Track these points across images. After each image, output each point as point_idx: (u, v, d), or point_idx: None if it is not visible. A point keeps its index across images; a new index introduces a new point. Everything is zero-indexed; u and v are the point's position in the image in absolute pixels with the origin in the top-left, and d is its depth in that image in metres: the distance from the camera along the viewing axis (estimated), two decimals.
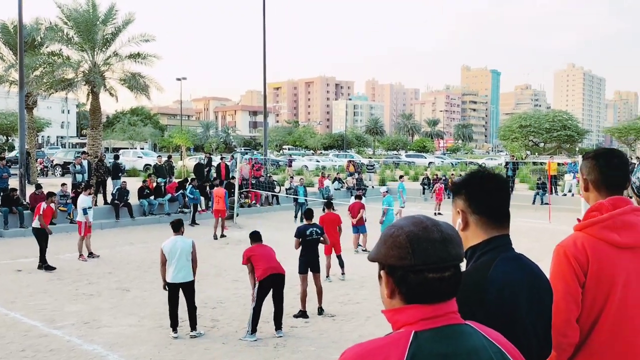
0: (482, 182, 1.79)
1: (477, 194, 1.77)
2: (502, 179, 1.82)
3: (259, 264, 7.21)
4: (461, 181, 1.83)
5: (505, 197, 1.80)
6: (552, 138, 44.04)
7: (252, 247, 7.46)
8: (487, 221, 1.76)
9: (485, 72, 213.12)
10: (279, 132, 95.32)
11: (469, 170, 1.87)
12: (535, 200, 22.66)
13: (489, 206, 1.77)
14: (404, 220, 1.31)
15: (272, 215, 20.11)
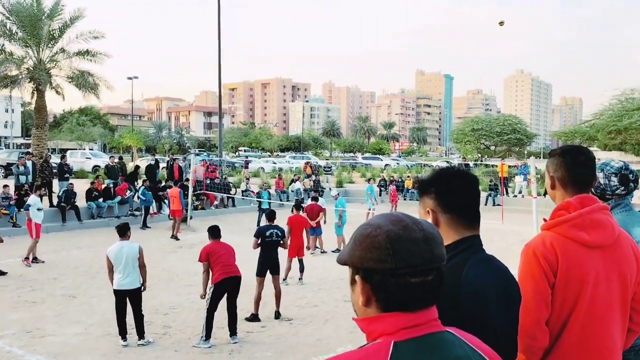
0: (452, 179, 1.69)
1: (448, 192, 1.68)
2: (471, 176, 1.73)
3: (217, 265, 6.94)
4: (429, 179, 1.73)
5: (476, 195, 1.72)
6: (503, 141, 45.41)
7: (212, 245, 7.15)
8: (459, 220, 1.68)
9: (439, 76, 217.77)
10: (235, 134, 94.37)
11: (436, 168, 1.76)
12: (487, 202, 23.18)
13: (460, 204, 1.68)
14: (380, 218, 1.17)
15: (227, 218, 19.73)
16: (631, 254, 2.01)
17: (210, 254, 7.00)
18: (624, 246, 2.00)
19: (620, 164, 2.50)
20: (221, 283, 6.92)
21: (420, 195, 1.74)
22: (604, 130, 43.15)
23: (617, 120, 42.06)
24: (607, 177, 2.46)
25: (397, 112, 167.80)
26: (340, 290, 9.74)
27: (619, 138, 43.73)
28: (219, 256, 6.98)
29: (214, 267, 6.95)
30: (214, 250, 7.03)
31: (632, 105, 42.82)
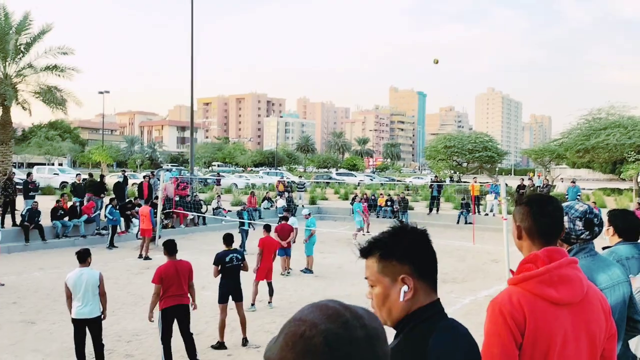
0: (424, 240, 1.60)
1: (424, 255, 1.59)
2: (427, 235, 1.62)
3: (167, 290, 6.67)
4: (404, 243, 1.58)
5: (435, 254, 1.62)
6: (475, 158, 45.97)
7: (167, 266, 6.83)
8: (430, 285, 1.60)
9: (412, 93, 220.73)
10: (208, 149, 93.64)
11: (392, 227, 1.63)
12: (459, 220, 23.34)
13: (431, 267, 1.60)
14: (312, 310, 1.00)
15: (197, 237, 19.38)
16: (600, 309, 1.93)
17: (163, 277, 6.72)
18: (592, 302, 1.92)
19: (584, 208, 2.45)
20: (169, 310, 6.68)
21: (387, 259, 1.58)
22: (572, 148, 44.15)
23: (585, 139, 43.12)
24: (572, 221, 2.40)
25: (371, 128, 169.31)
26: None
27: (587, 157, 44.80)
28: (171, 280, 6.71)
29: (165, 291, 6.69)
30: (168, 273, 6.74)
31: (598, 125, 43.99)
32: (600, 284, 2.29)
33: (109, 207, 16.87)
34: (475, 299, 10.90)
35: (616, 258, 3.00)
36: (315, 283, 12.19)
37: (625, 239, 3.16)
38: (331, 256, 15.93)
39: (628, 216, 3.25)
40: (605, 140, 41.20)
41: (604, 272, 2.35)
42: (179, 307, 6.74)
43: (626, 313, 2.40)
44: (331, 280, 12.65)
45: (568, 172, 61.49)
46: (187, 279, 6.89)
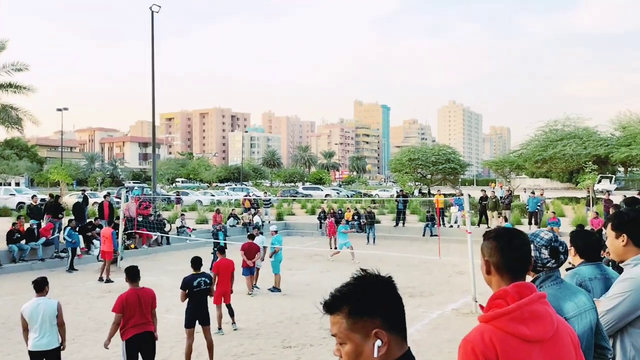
0: (394, 292, 1.55)
1: (394, 308, 1.54)
2: (393, 282, 1.59)
3: (130, 319, 6.43)
4: (372, 297, 1.52)
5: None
6: (438, 170, 46.79)
7: (129, 294, 6.58)
8: (401, 335, 1.55)
9: (376, 106, 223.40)
10: (172, 165, 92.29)
11: (357, 279, 1.58)
12: (425, 232, 23.57)
13: (402, 317, 1.56)
14: None
15: (161, 257, 18.96)
16: (570, 343, 1.93)
17: (125, 305, 6.48)
18: (562, 337, 1.91)
19: (549, 236, 2.46)
20: (132, 340, 6.45)
21: (354, 315, 1.51)
22: (531, 159, 45.39)
23: (543, 150, 44.42)
24: (538, 250, 2.41)
25: (337, 141, 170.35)
26: (279, 335, 9.41)
27: (545, 167, 46.17)
28: (134, 309, 6.47)
29: (126, 321, 6.45)
30: (130, 302, 6.50)
31: (555, 136, 45.44)
32: (567, 312, 2.30)
33: (68, 229, 16.34)
34: (442, 312, 10.96)
35: (579, 279, 3.02)
36: (283, 302, 12.04)
37: (587, 260, 3.19)
38: (299, 273, 15.81)
39: (588, 236, 3.29)
40: (562, 151, 42.54)
41: (570, 300, 2.36)
42: (143, 335, 6.50)
43: (593, 340, 2.41)
44: (300, 298, 12.52)
45: (527, 181, 63.12)
46: (149, 308, 6.66)
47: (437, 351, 8.33)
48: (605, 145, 42.22)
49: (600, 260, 3.28)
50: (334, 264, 17.73)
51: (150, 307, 6.68)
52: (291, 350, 8.61)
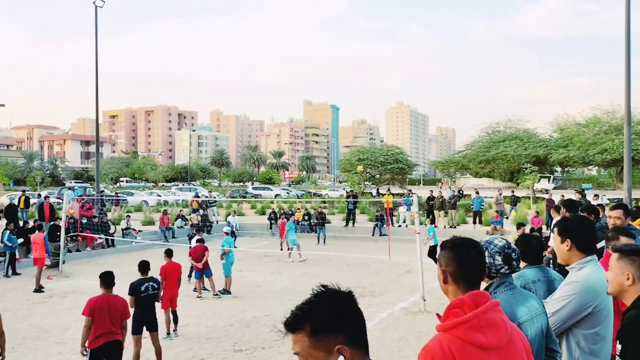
0: (356, 307, 1.55)
1: (356, 323, 1.53)
2: (354, 297, 1.58)
3: (98, 326, 6.17)
4: (334, 313, 1.50)
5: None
6: (387, 170, 47.59)
7: (100, 299, 6.32)
8: (363, 349, 1.54)
9: (326, 106, 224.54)
10: (116, 164, 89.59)
11: (318, 295, 1.56)
12: (374, 232, 23.90)
13: (364, 331, 1.56)
14: None
15: (106, 260, 18.34)
16: (522, 349, 2.01)
17: (96, 310, 6.23)
18: (516, 343, 1.99)
19: (503, 243, 2.55)
20: (99, 349, 6.20)
21: (317, 333, 1.49)
22: (475, 160, 46.98)
23: (486, 151, 46.08)
24: (492, 256, 2.48)
25: (287, 141, 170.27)
26: (229, 338, 9.29)
27: (488, 167, 47.88)
28: (103, 315, 6.22)
29: (95, 327, 6.20)
30: (101, 307, 6.25)
31: (498, 138, 47.24)
32: (520, 317, 2.39)
33: (7, 233, 15.55)
34: (392, 312, 11.14)
35: (523, 282, 3.14)
36: (233, 305, 11.91)
37: (530, 263, 3.33)
38: (249, 274, 15.68)
39: (530, 240, 3.43)
40: (503, 152, 44.26)
41: (523, 305, 2.45)
42: (110, 345, 6.24)
43: (544, 344, 2.52)
44: (250, 300, 12.42)
45: (472, 181, 65.24)
46: (119, 318, 6.41)
47: (387, 350, 8.46)
48: (544, 147, 44.25)
49: (542, 262, 3.43)
50: (285, 264, 17.70)
51: (121, 317, 6.43)
52: (242, 353, 8.52)
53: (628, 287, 2.52)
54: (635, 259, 2.52)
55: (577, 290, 2.89)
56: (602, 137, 39.25)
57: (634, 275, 2.51)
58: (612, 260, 2.63)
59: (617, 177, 41.85)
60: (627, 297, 2.56)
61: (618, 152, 36.30)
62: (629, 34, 14.76)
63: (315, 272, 15.92)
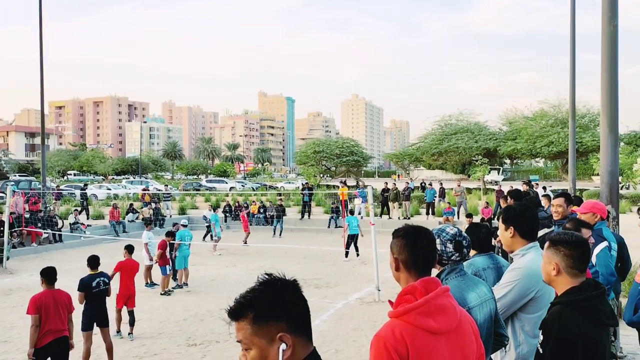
0: (299, 295, 1.55)
1: (300, 312, 1.53)
2: (298, 285, 1.58)
3: (45, 323, 5.92)
4: (277, 301, 1.51)
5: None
6: (342, 163, 47.96)
7: (44, 295, 6.07)
8: (306, 337, 1.54)
9: (281, 98, 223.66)
10: (63, 156, 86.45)
11: (262, 283, 1.55)
12: (330, 224, 24.03)
13: (306, 321, 1.55)
14: None
15: (53, 255, 17.69)
16: (471, 333, 2.06)
17: (42, 307, 5.96)
18: (465, 327, 2.03)
19: (454, 231, 2.59)
20: (45, 348, 5.96)
21: (259, 320, 1.50)
22: (428, 152, 47.98)
23: (438, 143, 47.13)
24: (443, 244, 2.53)
25: (241, 133, 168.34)
26: (183, 333, 9.15)
27: (441, 159, 48.96)
28: (49, 312, 5.98)
29: (42, 324, 5.94)
30: (46, 304, 5.99)
31: (450, 130, 48.37)
32: (470, 302, 2.44)
33: None
34: (347, 302, 11.24)
35: (474, 269, 3.23)
36: (187, 299, 11.73)
37: (479, 251, 3.42)
38: (203, 268, 15.47)
39: (479, 229, 3.52)
40: (455, 144, 45.35)
41: (473, 291, 2.51)
42: (57, 341, 6.01)
43: (493, 328, 2.58)
44: (204, 294, 12.26)
45: (425, 173, 66.48)
46: (66, 312, 6.19)
47: (342, 341, 8.53)
48: (494, 139, 45.62)
49: (491, 250, 3.53)
50: (240, 257, 17.57)
51: (67, 311, 6.22)
52: (196, 348, 8.41)
53: (554, 276, 2.55)
54: (561, 249, 2.53)
55: (520, 276, 2.98)
56: (549, 130, 40.80)
57: (559, 265, 2.53)
58: (544, 249, 2.66)
59: (563, 169, 43.66)
60: (555, 286, 2.59)
61: (563, 144, 37.84)
62: (574, 30, 15.33)
63: (271, 265, 15.86)
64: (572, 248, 2.52)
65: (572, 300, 2.45)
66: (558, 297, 2.55)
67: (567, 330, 2.36)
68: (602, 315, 2.45)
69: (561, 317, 2.41)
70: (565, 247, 2.52)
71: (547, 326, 2.45)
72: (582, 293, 2.46)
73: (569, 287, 2.50)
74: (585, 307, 2.43)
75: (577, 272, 2.52)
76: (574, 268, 2.51)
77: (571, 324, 2.37)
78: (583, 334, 2.36)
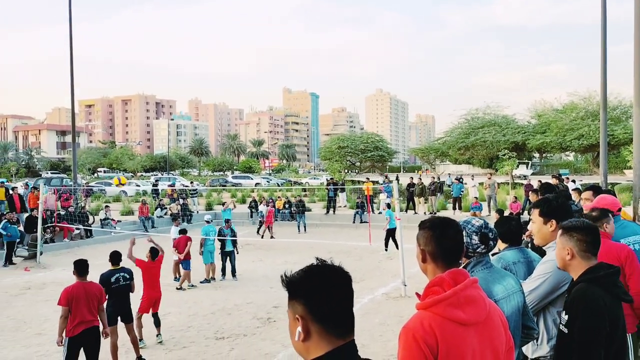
0: (327, 280, 1.52)
1: (321, 297, 1.49)
2: (346, 275, 1.56)
3: (76, 313, 6.12)
4: (299, 279, 1.53)
5: (351, 297, 1.55)
6: (367, 158, 47.71)
7: (76, 287, 6.25)
8: (333, 330, 1.50)
9: (305, 94, 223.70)
10: (93, 154, 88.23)
11: (309, 265, 1.57)
12: (355, 219, 24.00)
13: (335, 312, 1.50)
14: None
15: (84, 251, 18.08)
16: (500, 325, 2.04)
17: (71, 299, 6.16)
18: (494, 319, 2.02)
19: (480, 223, 2.57)
20: (78, 337, 6.15)
21: (289, 298, 1.55)
22: (454, 146, 47.33)
23: (465, 137, 46.43)
24: (469, 236, 2.51)
25: (266, 129, 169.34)
26: (211, 326, 9.28)
27: (468, 154, 48.25)
28: (80, 303, 6.18)
29: (73, 315, 6.14)
30: (77, 296, 6.19)
31: (477, 124, 47.58)
32: (496, 294, 2.42)
33: (4, 222, 15.51)
34: (373, 297, 11.23)
35: (504, 264, 3.18)
36: (214, 293, 11.89)
37: (510, 245, 3.37)
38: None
39: (509, 222, 3.47)
40: (482, 138, 44.63)
41: (499, 283, 2.48)
42: (88, 331, 6.20)
43: (521, 321, 2.56)
44: (232, 288, 12.41)
45: (451, 167, 65.74)
46: (96, 303, 6.39)
47: (368, 335, 8.54)
48: (522, 133, 44.73)
49: (521, 244, 3.47)
50: (266, 252, 17.69)
51: (98, 302, 6.41)
52: (225, 341, 8.52)
53: (569, 261, 2.71)
54: (574, 235, 2.71)
55: (553, 269, 2.94)
56: (579, 122, 39.82)
57: (573, 250, 2.69)
58: (557, 236, 2.81)
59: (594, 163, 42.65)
60: (571, 271, 2.75)
61: (594, 137, 36.91)
62: (604, 20, 14.94)
63: (296, 260, 15.94)
64: (584, 233, 2.70)
65: (593, 277, 2.60)
66: (580, 275, 2.68)
67: (594, 304, 2.51)
68: (620, 292, 2.62)
69: (585, 293, 2.56)
70: (578, 232, 2.71)
71: (572, 304, 2.59)
72: (600, 270, 2.63)
73: (585, 269, 2.66)
74: (606, 282, 2.59)
75: (590, 255, 2.69)
76: (587, 252, 2.68)
77: (597, 298, 2.53)
78: (608, 307, 2.53)
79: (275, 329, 8.97)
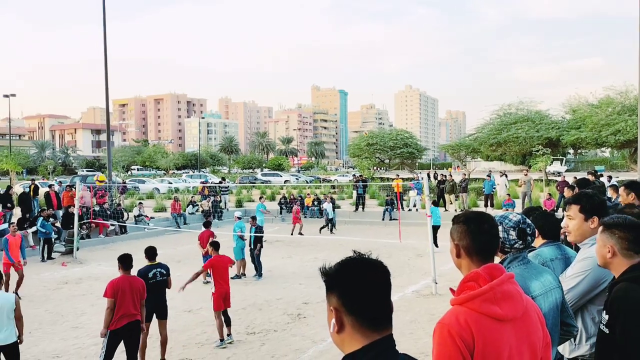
0: (361, 273, 1.50)
1: (355, 290, 1.49)
2: (383, 269, 1.55)
3: (120, 307, 6.28)
4: (334, 271, 1.53)
5: (388, 291, 1.54)
6: (396, 155, 47.42)
7: (121, 280, 6.42)
8: (368, 323, 1.49)
9: (334, 92, 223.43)
10: (127, 152, 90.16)
11: (348, 256, 1.57)
12: (384, 216, 23.88)
13: (369, 305, 1.49)
14: None
15: (119, 247, 18.47)
16: (537, 321, 2.00)
17: (119, 291, 6.31)
18: (531, 315, 1.98)
19: (517, 218, 2.52)
20: (119, 330, 6.30)
21: (326, 290, 1.56)
22: (486, 143, 46.51)
23: (497, 133, 45.56)
24: (506, 231, 2.46)
25: (295, 127, 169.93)
26: (242, 321, 9.37)
27: (500, 150, 47.36)
28: (124, 296, 6.34)
29: (118, 308, 6.29)
30: (123, 289, 6.35)
31: (509, 120, 46.62)
32: (534, 291, 2.37)
33: (41, 220, 16.01)
34: (403, 295, 11.16)
35: (541, 260, 3.10)
36: (245, 289, 12.00)
37: (548, 240, 3.28)
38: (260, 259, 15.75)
39: (550, 216, 3.38)
40: (515, 134, 43.73)
41: (536, 280, 2.43)
42: (130, 325, 6.35)
43: (559, 318, 2.50)
44: (262, 284, 12.51)
45: (482, 164, 64.63)
46: (139, 298, 6.54)
47: (399, 333, 8.48)
48: (556, 128, 43.64)
49: (559, 239, 3.38)
50: (295, 249, 17.77)
51: (140, 297, 6.57)
52: (255, 336, 8.60)
53: (610, 259, 2.62)
54: (615, 232, 2.60)
55: (592, 266, 2.87)
56: (615, 118, 38.64)
57: (614, 248, 2.60)
58: (598, 234, 2.72)
59: (631, 158, 41.37)
60: (612, 269, 2.65)
61: (631, 133, 35.81)
62: None
63: (325, 257, 15.95)
64: (626, 230, 2.59)
65: (636, 276, 2.50)
66: (621, 275, 2.58)
67: (636, 304, 2.42)
68: None
69: (627, 293, 2.46)
70: (619, 230, 2.60)
71: (613, 304, 2.49)
72: None
73: (627, 267, 2.56)
74: None
75: (633, 253, 2.58)
76: (629, 249, 2.58)
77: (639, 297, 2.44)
78: None
79: (305, 325, 9.01)
